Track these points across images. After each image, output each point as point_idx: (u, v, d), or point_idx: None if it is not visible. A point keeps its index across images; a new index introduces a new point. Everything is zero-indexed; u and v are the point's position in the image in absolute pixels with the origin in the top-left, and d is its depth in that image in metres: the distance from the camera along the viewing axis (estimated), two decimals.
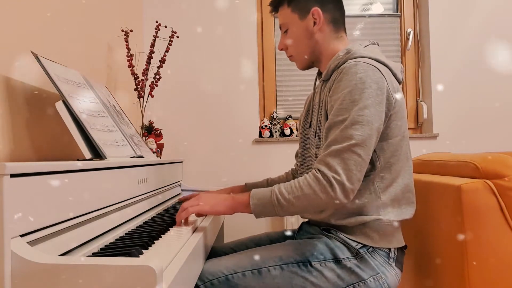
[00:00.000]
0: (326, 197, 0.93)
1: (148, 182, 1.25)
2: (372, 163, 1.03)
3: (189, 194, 1.50)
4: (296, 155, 1.41)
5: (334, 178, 0.92)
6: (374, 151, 1.02)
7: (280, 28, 1.21)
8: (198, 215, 1.08)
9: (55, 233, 0.69)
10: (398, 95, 1.04)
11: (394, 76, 1.07)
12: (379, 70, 1.00)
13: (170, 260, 0.72)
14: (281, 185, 0.98)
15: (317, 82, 1.24)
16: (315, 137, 1.14)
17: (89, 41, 1.53)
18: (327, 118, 1.05)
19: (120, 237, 0.90)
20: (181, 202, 1.47)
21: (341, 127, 0.96)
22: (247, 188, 1.39)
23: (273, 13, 1.24)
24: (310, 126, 1.19)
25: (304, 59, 1.19)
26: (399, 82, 1.10)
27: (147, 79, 1.83)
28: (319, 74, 1.24)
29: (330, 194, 0.92)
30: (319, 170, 0.95)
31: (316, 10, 1.13)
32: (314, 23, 1.14)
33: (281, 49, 1.23)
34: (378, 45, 1.16)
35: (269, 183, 1.40)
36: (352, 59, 1.05)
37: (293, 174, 1.43)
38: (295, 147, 2.35)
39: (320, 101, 1.13)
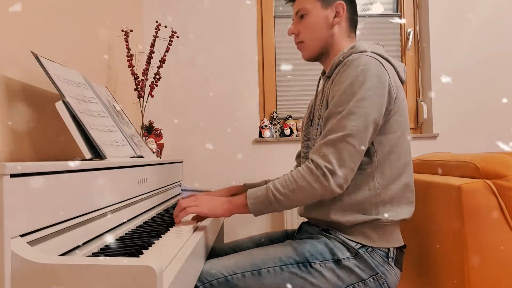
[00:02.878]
0: (320, 186, 0.94)
1: (148, 182, 1.25)
2: (369, 157, 1.03)
3: (188, 194, 1.50)
4: (297, 157, 1.40)
5: (326, 168, 0.94)
6: (372, 144, 1.02)
7: (297, 13, 1.18)
8: (198, 218, 1.08)
9: (55, 233, 0.69)
10: (400, 91, 1.05)
11: (397, 74, 1.08)
12: (382, 64, 1.01)
13: (170, 260, 0.72)
14: (275, 181, 0.99)
15: (321, 83, 1.24)
16: (317, 134, 1.14)
17: (89, 41, 1.53)
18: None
19: (120, 237, 0.90)
20: None
21: (338, 117, 0.97)
22: (245, 188, 1.39)
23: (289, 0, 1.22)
24: (311, 124, 1.19)
25: (315, 49, 1.17)
26: (402, 82, 1.11)
27: (147, 79, 1.83)
28: (323, 73, 1.24)
29: (323, 183, 0.93)
30: (312, 160, 0.97)
31: (341, 3, 1.13)
32: (335, 15, 1.14)
33: (292, 34, 1.20)
34: (383, 46, 1.17)
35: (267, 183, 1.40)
36: (356, 53, 1.06)
37: None
38: (295, 147, 2.35)
39: (322, 96, 1.13)
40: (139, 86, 1.80)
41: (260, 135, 2.40)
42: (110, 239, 0.86)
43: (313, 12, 1.15)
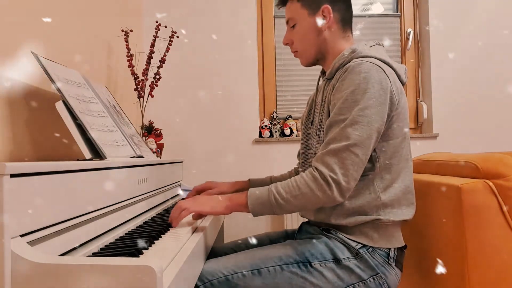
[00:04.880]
0: (323, 195, 0.94)
1: (148, 182, 1.25)
2: (372, 163, 1.03)
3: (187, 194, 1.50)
4: (298, 155, 1.40)
5: (331, 177, 0.94)
6: (374, 151, 1.02)
7: (287, 22, 1.19)
8: (197, 216, 1.08)
9: (55, 233, 0.69)
10: (401, 97, 1.04)
11: (398, 77, 1.07)
12: (383, 70, 1.00)
13: (170, 260, 0.72)
14: (278, 184, 0.98)
15: (320, 81, 1.24)
16: (316, 134, 1.14)
17: (89, 41, 1.53)
18: (329, 116, 1.05)
19: (120, 237, 0.90)
20: None
21: (341, 126, 0.97)
22: (250, 183, 1.40)
23: (280, 6, 1.22)
24: (311, 125, 1.19)
25: (310, 56, 1.17)
26: (403, 84, 1.10)
27: (147, 79, 1.83)
28: (323, 73, 1.24)
29: (327, 192, 0.94)
30: (316, 168, 0.96)
31: (327, 7, 1.12)
32: (324, 20, 1.13)
33: (286, 44, 1.21)
34: (383, 46, 1.16)
35: (272, 180, 1.41)
36: (357, 58, 1.05)
37: (296, 173, 1.43)
38: (295, 147, 2.35)
39: (323, 99, 1.13)
40: (139, 86, 1.80)
41: (260, 135, 2.40)
42: (110, 239, 0.86)
43: (302, 21, 1.15)
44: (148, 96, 1.84)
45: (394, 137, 1.03)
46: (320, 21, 1.13)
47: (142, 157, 1.30)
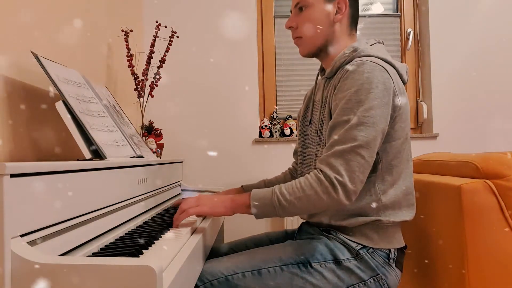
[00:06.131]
0: (328, 198, 0.91)
1: (148, 182, 1.25)
2: (374, 164, 1.01)
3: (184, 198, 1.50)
4: (295, 153, 1.39)
5: (336, 179, 0.91)
6: (377, 152, 1.01)
7: (296, 5, 1.13)
8: (197, 216, 1.07)
9: (55, 233, 0.69)
10: (403, 97, 1.03)
11: (400, 76, 1.06)
12: (386, 70, 0.99)
13: (170, 260, 0.72)
14: (281, 185, 0.96)
15: (319, 78, 1.22)
16: (316, 135, 1.13)
17: (89, 41, 1.53)
18: (330, 117, 1.04)
19: (120, 237, 0.90)
20: (176, 207, 1.43)
21: (345, 127, 0.95)
22: (244, 190, 1.36)
23: None
24: (310, 124, 1.18)
25: (314, 45, 1.13)
26: (404, 83, 1.09)
27: (147, 79, 1.83)
28: (321, 70, 1.22)
29: (332, 195, 0.91)
30: (321, 170, 0.94)
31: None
32: (337, 12, 1.10)
33: (290, 27, 1.15)
34: (383, 44, 1.15)
35: (266, 184, 1.38)
36: (359, 57, 1.04)
37: (291, 173, 1.42)
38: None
39: (323, 99, 1.11)
40: (139, 86, 1.80)
41: (260, 135, 2.40)
42: (110, 239, 0.86)
43: (314, 6, 1.10)
44: (148, 96, 1.84)
45: (396, 138, 1.03)
46: (334, 11, 1.10)
47: (142, 157, 1.30)
